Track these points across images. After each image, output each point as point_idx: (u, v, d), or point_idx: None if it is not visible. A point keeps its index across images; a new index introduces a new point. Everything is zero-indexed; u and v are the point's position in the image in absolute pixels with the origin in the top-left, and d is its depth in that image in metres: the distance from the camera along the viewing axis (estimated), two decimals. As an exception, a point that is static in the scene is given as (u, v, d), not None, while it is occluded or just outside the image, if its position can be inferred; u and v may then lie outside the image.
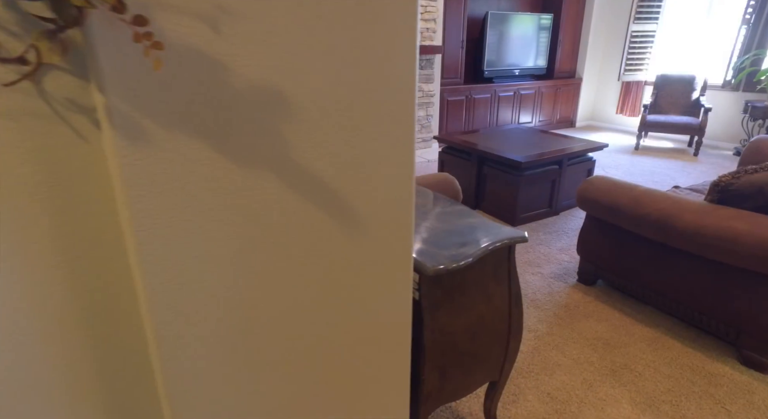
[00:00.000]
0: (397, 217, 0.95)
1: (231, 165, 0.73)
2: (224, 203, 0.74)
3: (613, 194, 2.04)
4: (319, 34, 0.74)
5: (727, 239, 1.63)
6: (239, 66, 0.69)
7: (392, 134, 0.89)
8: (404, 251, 0.99)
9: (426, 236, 1.22)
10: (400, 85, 0.86)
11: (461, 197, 2.16)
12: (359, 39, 0.78)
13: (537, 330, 2.00)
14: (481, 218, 1.33)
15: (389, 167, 0.91)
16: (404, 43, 0.84)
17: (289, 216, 0.82)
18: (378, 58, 0.82)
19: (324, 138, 0.80)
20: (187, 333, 0.77)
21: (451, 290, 1.16)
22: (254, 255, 0.80)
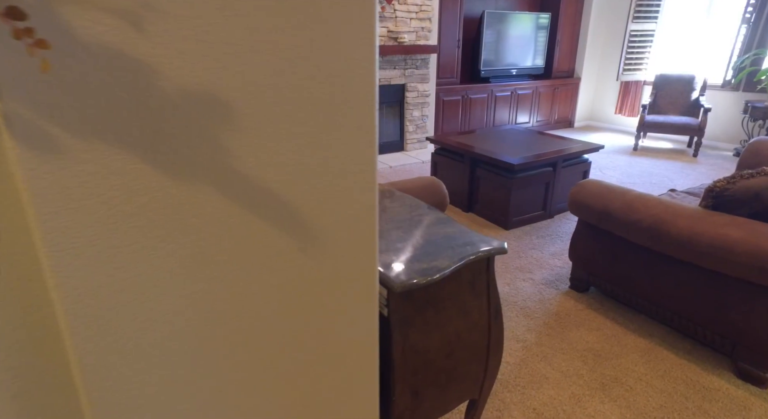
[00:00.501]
0: (358, 230, 0.88)
1: (164, 177, 0.66)
2: (158, 218, 0.67)
3: (605, 198, 1.97)
4: (264, 32, 0.67)
5: (721, 248, 1.56)
6: (169, 69, 0.62)
7: (351, 142, 0.82)
8: (368, 266, 0.92)
9: (399, 246, 1.15)
10: (358, 88, 0.79)
11: (448, 202, 2.09)
12: (311, 38, 0.72)
13: (525, 340, 1.93)
14: (460, 228, 1.26)
15: (348, 178, 0.84)
16: (362, 43, 0.77)
17: (235, 231, 0.75)
18: (333, 59, 0.75)
19: (272, 147, 0.74)
20: (120, 364, 0.70)
21: (424, 305, 1.09)
22: (197, 274, 0.73)
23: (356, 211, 0.87)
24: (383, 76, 4.64)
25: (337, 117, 0.79)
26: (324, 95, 0.76)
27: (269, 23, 0.67)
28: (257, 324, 0.83)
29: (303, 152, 0.77)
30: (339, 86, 0.77)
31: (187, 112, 0.65)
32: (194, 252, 0.72)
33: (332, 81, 0.76)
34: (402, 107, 4.94)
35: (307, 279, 0.86)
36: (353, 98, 0.79)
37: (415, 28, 4.67)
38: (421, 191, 2.03)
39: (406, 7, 4.53)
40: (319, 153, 0.79)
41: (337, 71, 0.76)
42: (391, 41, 4.56)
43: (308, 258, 0.85)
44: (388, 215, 1.35)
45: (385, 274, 1.02)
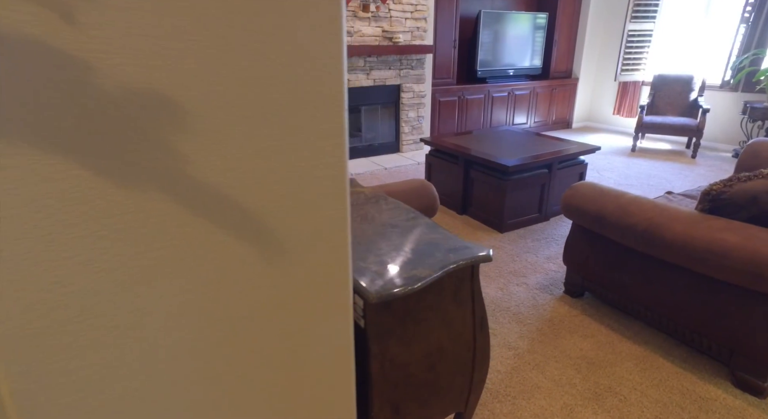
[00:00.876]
0: (329, 238, 0.83)
1: (107, 184, 0.61)
2: (101, 228, 0.62)
3: (599, 201, 1.92)
4: (219, 27, 0.62)
5: (717, 253, 1.51)
6: (108, 65, 0.57)
7: (319, 146, 0.76)
8: (340, 276, 0.87)
9: (380, 253, 1.10)
10: (325, 89, 0.74)
11: (438, 205, 2.04)
12: (272, 34, 0.66)
13: (517, 348, 1.87)
14: (445, 234, 1.21)
15: (317, 183, 0.78)
16: (329, 40, 0.72)
17: (191, 241, 0.69)
18: (297, 57, 0.69)
19: (230, 151, 0.68)
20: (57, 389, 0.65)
21: (404, 315, 1.04)
22: (146, 289, 0.68)
23: (326, 218, 0.81)
24: (378, 77, 4.59)
25: (302, 120, 0.73)
26: (288, 96, 0.71)
27: (225, 18, 0.62)
28: (218, 339, 0.77)
29: (266, 156, 0.72)
30: (304, 86, 0.72)
31: (132, 113, 0.60)
32: (143, 264, 0.66)
33: (296, 81, 0.71)
34: (397, 107, 4.89)
35: (274, 291, 0.81)
36: (320, 99, 0.74)
37: (410, 28, 4.63)
38: (410, 194, 1.98)
39: (401, 6, 4.48)
40: (285, 158, 0.74)
41: (302, 70, 0.71)
42: (385, 41, 4.51)
43: (274, 269, 0.79)
44: (371, 221, 1.30)
45: (360, 284, 0.97)
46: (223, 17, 0.62)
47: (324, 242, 0.83)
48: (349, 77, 4.41)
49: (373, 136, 4.87)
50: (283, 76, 0.69)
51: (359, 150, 4.80)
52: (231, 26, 0.63)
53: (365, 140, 4.83)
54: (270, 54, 0.67)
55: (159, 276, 0.68)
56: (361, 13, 4.26)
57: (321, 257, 0.84)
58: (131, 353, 0.69)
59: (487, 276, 2.44)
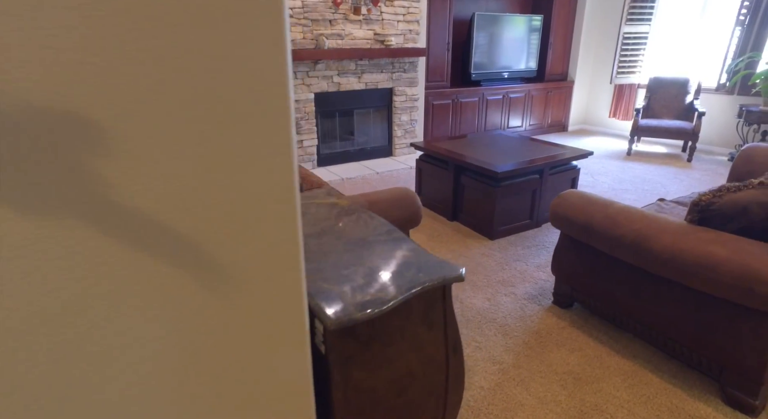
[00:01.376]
0: (278, 263, 0.77)
1: (12, 213, 0.55)
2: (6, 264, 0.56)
3: (586, 211, 1.86)
4: (140, 38, 0.56)
5: (705, 267, 1.45)
6: (2, 81, 0.51)
7: (263, 164, 0.71)
8: (293, 302, 0.81)
9: (345, 273, 1.04)
10: (267, 102, 0.68)
11: (421, 215, 1.98)
12: (203, 44, 0.61)
13: (502, 362, 1.81)
14: (417, 251, 1.15)
15: (261, 206, 0.73)
16: (269, 47, 0.66)
17: (117, 272, 0.64)
18: (232, 68, 0.64)
19: (159, 173, 0.63)
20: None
21: (369, 339, 0.98)
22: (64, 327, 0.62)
23: (274, 242, 0.76)
24: (370, 80, 4.54)
25: (243, 138, 0.68)
26: (225, 112, 0.65)
27: (149, 29, 0.56)
28: (156, 379, 0.71)
29: (202, 177, 0.66)
30: (243, 102, 0.66)
31: (39, 134, 0.54)
32: (62, 299, 0.61)
33: (234, 96, 0.65)
34: (390, 111, 4.84)
35: (219, 321, 0.75)
36: (262, 116, 0.68)
37: (402, 30, 4.57)
38: (392, 203, 1.92)
39: (393, 9, 4.44)
40: (223, 179, 0.68)
41: (240, 85, 0.65)
42: (377, 44, 4.46)
43: (218, 298, 0.74)
44: (342, 236, 1.24)
45: (320, 308, 0.91)
46: (147, 28, 0.56)
47: (273, 266, 0.77)
48: (340, 81, 4.36)
49: (365, 140, 4.82)
50: (219, 91, 0.64)
51: (351, 154, 4.74)
52: (156, 38, 0.57)
53: (357, 144, 4.78)
54: (203, 67, 0.62)
55: (79, 312, 0.62)
56: (352, 15, 4.21)
57: (270, 283, 0.78)
58: (48, 399, 0.63)
59: (475, 286, 2.38)
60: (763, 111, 4.16)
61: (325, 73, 4.24)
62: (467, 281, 2.43)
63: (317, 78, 4.22)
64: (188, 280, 0.70)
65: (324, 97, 4.35)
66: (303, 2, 3.92)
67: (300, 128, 4.28)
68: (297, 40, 4.01)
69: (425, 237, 2.98)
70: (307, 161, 4.43)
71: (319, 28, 4.07)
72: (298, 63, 4.08)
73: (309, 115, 4.28)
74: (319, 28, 4.07)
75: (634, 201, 3.64)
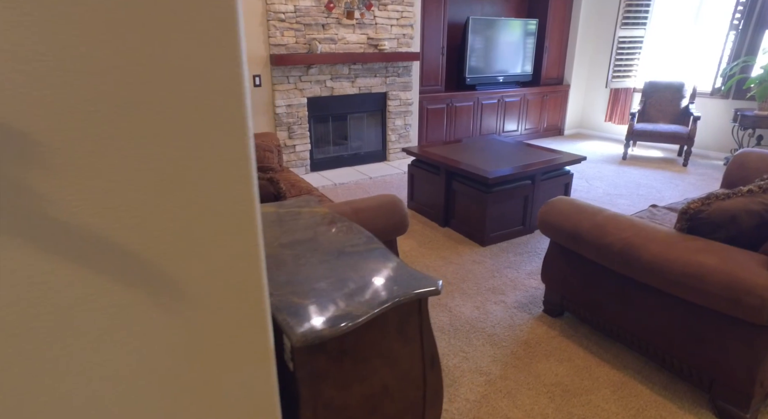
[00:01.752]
0: (237, 279, 0.74)
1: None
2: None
3: (574, 219, 1.83)
4: (76, 44, 0.53)
5: (694, 276, 1.42)
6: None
7: (219, 177, 0.68)
8: (255, 319, 0.78)
9: (318, 286, 1.01)
10: (222, 112, 0.65)
11: (408, 223, 1.95)
12: (150, 51, 0.58)
13: (489, 373, 1.78)
14: (394, 263, 1.12)
15: (217, 219, 0.69)
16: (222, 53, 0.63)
17: (61, 292, 0.60)
18: (182, 77, 0.61)
19: (103, 188, 0.60)
20: None
21: (340, 355, 0.95)
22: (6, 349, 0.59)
23: (233, 256, 0.73)
24: (363, 85, 4.51)
25: (195, 149, 0.65)
26: (173, 124, 0.62)
27: (89, 35, 0.53)
28: (111, 401, 0.68)
29: (151, 191, 0.63)
30: (196, 111, 0.63)
31: (-34, 149, 0.51)
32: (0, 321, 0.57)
33: (184, 105, 0.62)
34: (384, 115, 4.82)
35: (176, 340, 0.72)
36: (216, 125, 0.65)
37: (396, 34, 4.56)
38: (379, 210, 1.89)
39: (387, 13, 4.42)
40: (175, 192, 0.65)
41: (191, 93, 0.62)
42: (371, 49, 4.44)
43: (173, 316, 0.70)
44: (318, 246, 1.21)
45: (287, 324, 0.88)
46: (87, 34, 0.54)
47: (232, 282, 0.74)
48: (333, 85, 4.33)
49: (359, 144, 4.79)
50: (169, 103, 0.61)
51: (345, 159, 4.72)
52: (98, 47, 0.54)
53: (351, 148, 4.75)
54: (150, 78, 0.59)
55: (17, 336, 0.59)
56: (345, 20, 4.19)
57: (230, 300, 0.75)
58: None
59: (465, 294, 2.35)
60: (758, 115, 4.14)
61: (318, 77, 4.22)
62: (457, 289, 2.40)
63: (310, 83, 4.20)
64: (139, 298, 0.67)
65: (317, 102, 4.33)
66: (295, 7, 3.90)
67: (293, 133, 4.26)
68: (289, 45, 3.99)
69: (416, 243, 2.95)
70: (299, 166, 4.40)
71: (311, 32, 4.05)
72: (291, 67, 4.05)
73: (302, 119, 4.26)
74: (311, 33, 4.06)
75: (628, 206, 3.62)
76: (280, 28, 3.89)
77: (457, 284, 2.45)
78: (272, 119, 4.16)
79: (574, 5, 5.95)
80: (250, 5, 3.74)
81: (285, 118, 4.17)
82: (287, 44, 3.97)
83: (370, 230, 1.86)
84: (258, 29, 3.84)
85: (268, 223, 1.38)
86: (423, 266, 2.65)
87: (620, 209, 3.57)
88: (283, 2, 3.83)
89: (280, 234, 1.29)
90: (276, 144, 3.31)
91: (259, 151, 3.14)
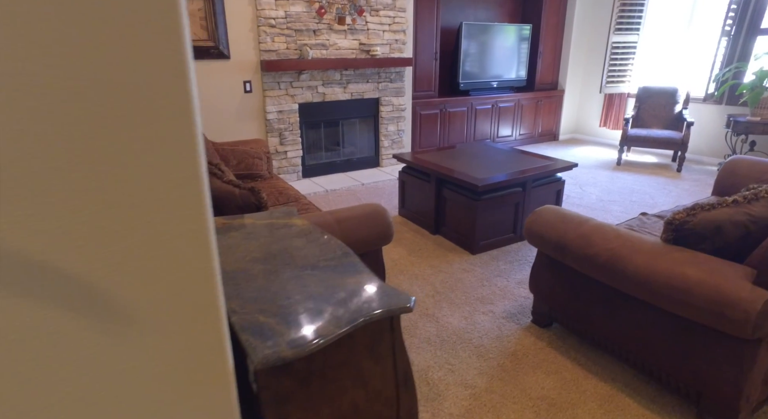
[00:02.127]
0: (190, 301, 0.71)
1: None
2: None
3: (560, 229, 1.80)
4: None
5: (678, 289, 1.39)
6: None
7: (167, 196, 0.65)
8: (212, 342, 0.75)
9: (287, 304, 0.98)
10: (166, 129, 0.62)
11: (393, 232, 1.92)
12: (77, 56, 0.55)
13: (475, 386, 1.74)
14: (367, 279, 1.09)
15: (167, 241, 0.67)
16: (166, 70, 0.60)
17: (-7, 319, 0.57)
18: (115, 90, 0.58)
19: (32, 210, 0.57)
20: None
21: (307, 376, 0.91)
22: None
23: (186, 279, 0.70)
24: (356, 90, 4.50)
25: (140, 167, 0.62)
26: (115, 139, 0.59)
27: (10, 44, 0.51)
28: (45, 430, 0.65)
29: (93, 213, 0.60)
30: (136, 127, 0.60)
31: None
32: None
33: (125, 121, 0.59)
34: (376, 121, 4.80)
35: (126, 367, 0.69)
36: (161, 142, 0.62)
37: (388, 40, 4.55)
38: (362, 220, 1.87)
39: (379, 19, 4.41)
40: (121, 214, 0.62)
41: (133, 107, 0.59)
42: (363, 54, 4.43)
43: (121, 343, 0.67)
44: (291, 260, 1.18)
45: (249, 345, 0.85)
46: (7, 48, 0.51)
47: (185, 306, 0.71)
48: (325, 91, 4.32)
49: (351, 150, 4.77)
50: (107, 117, 0.58)
51: (337, 165, 4.69)
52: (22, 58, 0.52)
53: (344, 154, 4.73)
54: (87, 91, 0.56)
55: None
56: (337, 25, 4.18)
57: (184, 324, 0.72)
58: None
59: (453, 303, 2.32)
60: (751, 121, 4.13)
61: (310, 83, 4.21)
62: (445, 298, 2.37)
63: (301, 88, 4.18)
64: (84, 324, 0.64)
65: (309, 108, 4.31)
66: (286, 12, 3.89)
67: (284, 139, 4.23)
68: (280, 51, 3.97)
69: (406, 252, 2.92)
70: (291, 172, 4.37)
71: (302, 38, 4.04)
72: (282, 73, 4.04)
73: (293, 126, 4.24)
74: (302, 38, 4.04)
75: (621, 213, 3.59)
76: (270, 33, 3.87)
77: (445, 293, 2.42)
78: (263, 125, 4.14)
79: (567, 10, 5.96)
80: (240, 11, 3.73)
81: (276, 124, 4.15)
82: (278, 50, 3.96)
83: (354, 240, 1.83)
84: (248, 35, 3.82)
85: (244, 236, 1.35)
86: (412, 275, 2.62)
87: (613, 215, 3.55)
88: (273, 8, 3.82)
89: (254, 247, 1.26)
90: (265, 151, 3.29)
91: (248, 158, 3.12)
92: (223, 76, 3.83)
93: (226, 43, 3.74)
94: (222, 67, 3.80)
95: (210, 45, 3.68)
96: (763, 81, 4.11)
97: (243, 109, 4.00)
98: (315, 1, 3.98)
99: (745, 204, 1.47)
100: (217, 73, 3.79)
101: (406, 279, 2.56)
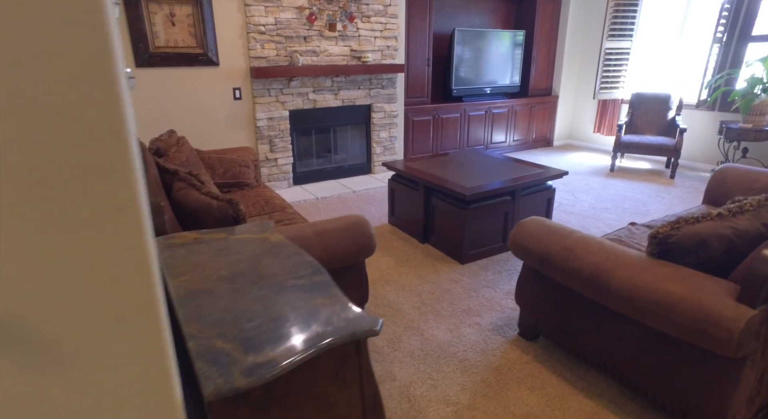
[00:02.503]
0: (129, 333, 0.67)
1: None
2: None
3: (544, 241, 1.77)
4: None
5: (661, 305, 1.36)
6: None
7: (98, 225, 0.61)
8: (156, 374, 0.71)
9: (245, 327, 0.94)
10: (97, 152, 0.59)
11: (375, 244, 1.89)
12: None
13: (457, 403, 1.70)
14: (334, 299, 1.05)
15: (102, 271, 0.63)
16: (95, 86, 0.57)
17: None
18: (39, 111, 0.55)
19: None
20: None
21: (266, 405, 0.87)
22: None
23: (126, 310, 0.66)
24: (347, 97, 4.47)
25: (68, 192, 0.58)
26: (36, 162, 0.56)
27: None
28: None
29: (12, 240, 0.56)
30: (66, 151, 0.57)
31: None
32: None
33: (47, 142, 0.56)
34: (368, 128, 4.77)
35: (56, 405, 0.65)
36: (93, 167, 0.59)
37: (380, 46, 4.53)
38: (343, 232, 1.83)
39: (370, 25, 4.39)
40: (46, 242, 0.58)
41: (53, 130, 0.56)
42: (354, 61, 4.41)
43: (50, 379, 0.63)
44: (258, 278, 1.14)
45: (202, 374, 0.81)
46: None
47: (126, 338, 0.67)
48: (316, 98, 4.29)
49: (343, 157, 4.74)
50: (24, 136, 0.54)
51: (329, 172, 4.66)
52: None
53: (335, 161, 4.70)
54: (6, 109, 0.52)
55: None
56: (328, 32, 4.16)
57: (124, 356, 0.68)
58: None
59: (439, 315, 2.28)
60: (743, 128, 4.12)
61: (300, 90, 4.18)
62: (431, 310, 2.33)
63: (292, 95, 4.15)
64: (6, 362, 0.60)
65: (299, 115, 4.28)
66: (276, 19, 3.86)
67: (274, 146, 4.20)
68: (270, 57, 3.95)
69: (394, 261, 2.88)
70: (282, 179, 4.34)
71: (293, 44, 4.02)
72: (272, 80, 4.01)
73: (284, 133, 4.21)
74: (293, 45, 4.02)
75: (612, 221, 3.56)
76: (260, 40, 3.85)
77: (431, 304, 2.38)
78: (253, 132, 4.10)
79: (561, 16, 5.96)
80: (229, 17, 3.71)
81: (266, 131, 4.12)
82: (268, 57, 3.93)
83: (334, 253, 1.80)
84: (238, 42, 3.80)
85: (214, 252, 1.31)
86: (399, 285, 2.58)
87: (604, 223, 3.52)
88: (263, 14, 3.80)
89: (223, 265, 1.23)
90: (253, 159, 3.25)
91: (235, 166, 3.08)
92: (212, 84, 3.80)
93: (215, 50, 3.71)
94: (211, 74, 3.77)
95: (199, 52, 3.65)
96: (755, 88, 4.10)
97: (232, 116, 3.97)
98: (305, 7, 3.96)
99: (730, 218, 1.44)
100: (206, 80, 3.76)
101: (393, 290, 2.52)
